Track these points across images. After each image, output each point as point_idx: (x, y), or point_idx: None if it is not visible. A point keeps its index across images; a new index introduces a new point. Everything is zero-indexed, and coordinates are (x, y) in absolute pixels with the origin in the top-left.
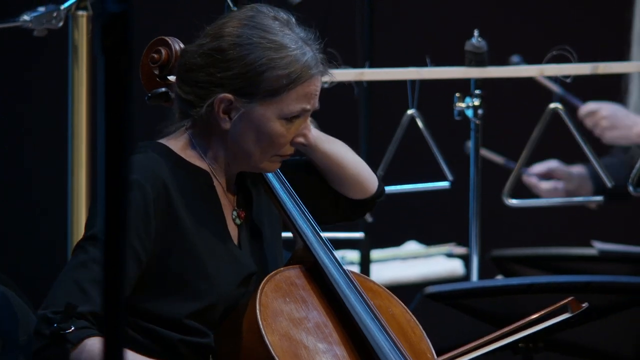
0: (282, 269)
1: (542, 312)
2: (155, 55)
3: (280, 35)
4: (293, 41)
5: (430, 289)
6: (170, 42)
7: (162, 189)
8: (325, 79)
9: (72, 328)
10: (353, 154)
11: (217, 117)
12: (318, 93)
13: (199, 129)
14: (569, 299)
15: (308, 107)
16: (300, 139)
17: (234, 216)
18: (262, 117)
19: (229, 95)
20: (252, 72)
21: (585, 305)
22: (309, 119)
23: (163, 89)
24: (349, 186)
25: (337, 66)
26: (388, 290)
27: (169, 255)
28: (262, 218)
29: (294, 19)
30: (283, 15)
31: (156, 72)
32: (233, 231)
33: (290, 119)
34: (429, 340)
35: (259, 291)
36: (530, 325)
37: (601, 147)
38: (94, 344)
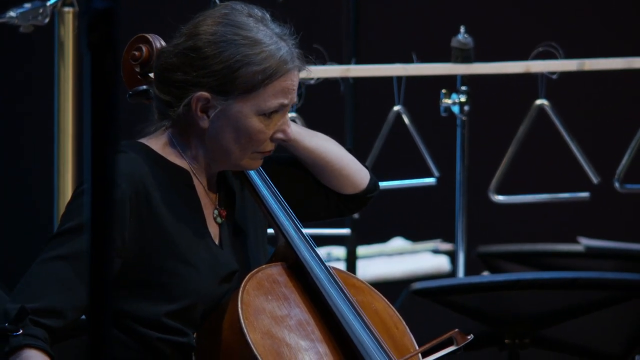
0: (264, 266)
1: (428, 345)
2: (136, 53)
3: (255, 31)
4: (268, 37)
5: (417, 285)
6: (151, 39)
7: (140, 188)
8: (303, 74)
9: (20, 332)
10: (339, 148)
11: (195, 116)
12: (296, 88)
13: (179, 129)
14: (454, 331)
15: (286, 102)
16: (280, 135)
17: (215, 215)
18: (240, 113)
19: (206, 94)
20: (227, 69)
21: (470, 337)
22: (290, 115)
23: (144, 87)
24: (337, 181)
25: (323, 62)
26: (371, 286)
27: (148, 255)
28: (246, 216)
29: (268, 15)
30: (257, 11)
31: (137, 69)
32: (214, 230)
33: (268, 114)
34: (412, 336)
35: (240, 289)
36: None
37: (587, 143)
38: (30, 357)
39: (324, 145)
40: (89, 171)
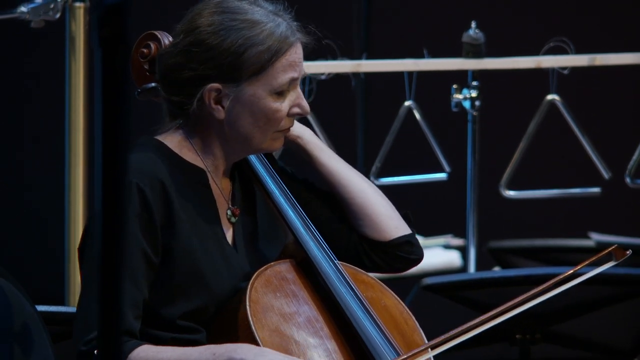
0: (272, 263)
1: (585, 263)
2: (145, 50)
3: (251, 12)
4: (264, 15)
5: (428, 281)
6: (159, 36)
7: (160, 190)
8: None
9: None
10: (366, 183)
11: (210, 109)
12: (302, 60)
13: (193, 125)
14: (613, 247)
15: (295, 75)
16: (296, 109)
17: (228, 215)
18: (254, 97)
19: (217, 85)
20: (232, 55)
21: (629, 252)
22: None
23: (153, 84)
24: (353, 212)
25: (334, 58)
26: (380, 282)
27: (167, 256)
28: (259, 215)
29: None
30: None
31: (146, 67)
32: (228, 230)
33: (281, 92)
34: (422, 331)
35: (248, 287)
36: (573, 277)
37: (598, 138)
38: (138, 354)
39: (342, 168)
40: (99, 166)
